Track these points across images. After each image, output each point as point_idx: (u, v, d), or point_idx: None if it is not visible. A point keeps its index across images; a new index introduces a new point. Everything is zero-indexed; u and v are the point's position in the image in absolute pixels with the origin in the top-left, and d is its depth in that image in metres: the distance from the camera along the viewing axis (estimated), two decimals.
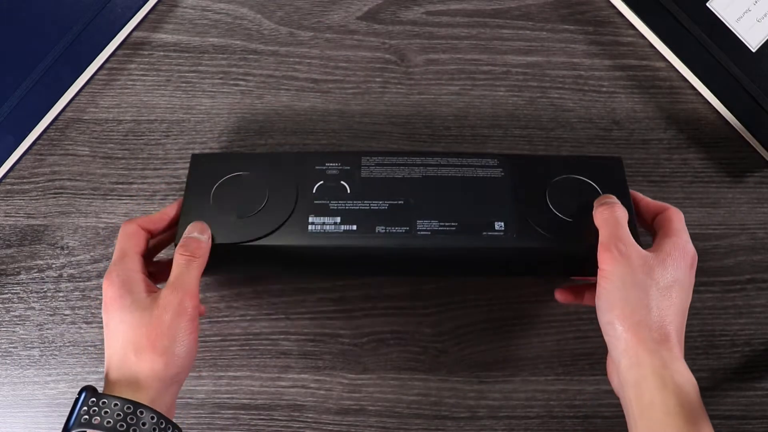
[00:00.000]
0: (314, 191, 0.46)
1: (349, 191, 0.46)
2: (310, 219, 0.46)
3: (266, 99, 0.53)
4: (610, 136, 0.53)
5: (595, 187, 0.46)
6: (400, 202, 0.46)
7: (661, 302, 0.42)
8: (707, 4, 0.52)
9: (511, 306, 0.53)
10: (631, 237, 0.43)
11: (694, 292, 0.53)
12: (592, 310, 0.46)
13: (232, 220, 0.46)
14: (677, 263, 0.43)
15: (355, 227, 0.45)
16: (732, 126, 0.53)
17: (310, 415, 0.53)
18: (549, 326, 0.53)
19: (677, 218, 0.45)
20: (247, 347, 0.52)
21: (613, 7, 0.54)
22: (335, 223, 0.45)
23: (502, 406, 0.53)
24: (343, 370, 0.53)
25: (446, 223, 0.45)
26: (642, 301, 0.42)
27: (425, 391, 0.53)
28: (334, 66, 0.54)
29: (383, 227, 0.45)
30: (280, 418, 0.53)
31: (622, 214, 0.44)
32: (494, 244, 0.45)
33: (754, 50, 0.51)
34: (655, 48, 0.54)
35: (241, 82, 0.53)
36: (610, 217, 0.44)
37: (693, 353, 0.53)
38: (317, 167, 0.47)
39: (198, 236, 0.44)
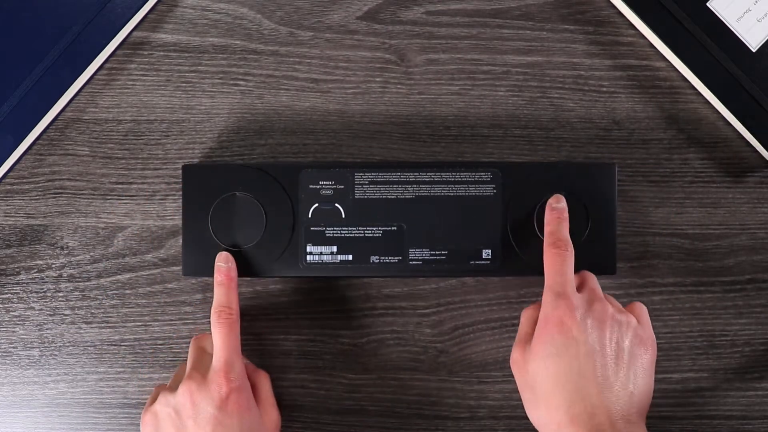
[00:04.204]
0: (310, 216, 0.48)
1: (343, 215, 0.48)
2: (308, 248, 0.48)
3: (266, 99, 0.53)
4: (610, 136, 0.53)
5: (585, 206, 0.49)
6: (393, 228, 0.48)
7: (541, 385, 0.43)
8: (707, 4, 0.52)
9: (511, 306, 0.53)
10: (522, 346, 0.46)
11: (695, 292, 0.53)
12: None
13: (233, 251, 0.48)
14: (539, 342, 0.44)
15: (350, 257, 0.48)
16: (732, 126, 0.53)
17: (310, 415, 0.53)
18: None
19: (544, 293, 0.46)
20: (247, 347, 0.52)
21: (613, 7, 0.54)
22: (332, 253, 0.48)
23: (502, 406, 0.53)
24: (343, 370, 0.53)
25: (436, 252, 0.48)
26: (529, 402, 0.45)
27: (425, 391, 0.53)
28: (334, 66, 0.54)
29: (377, 257, 0.48)
30: None
31: (525, 319, 0.47)
32: (481, 272, 0.49)
33: (754, 50, 0.51)
34: (655, 48, 0.54)
35: (241, 82, 0.53)
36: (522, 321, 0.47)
37: (693, 353, 0.53)
38: (311, 186, 0.48)
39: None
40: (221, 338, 0.46)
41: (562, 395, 0.42)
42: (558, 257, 0.45)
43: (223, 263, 0.48)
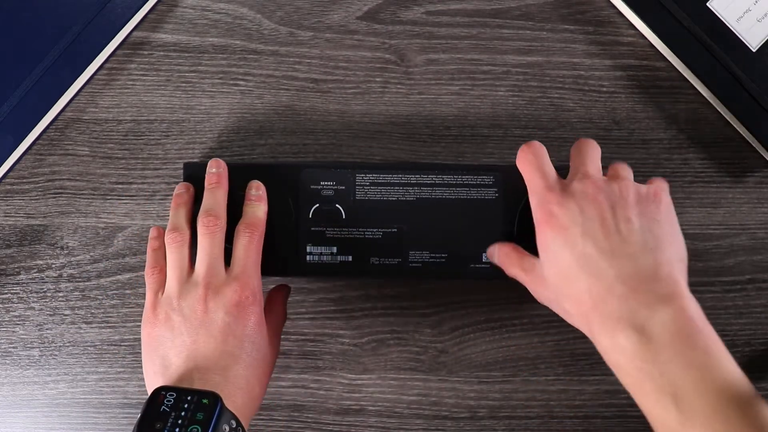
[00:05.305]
0: (310, 216, 0.48)
1: (344, 216, 0.48)
2: (308, 249, 0.48)
3: (266, 99, 0.53)
4: (611, 136, 0.53)
5: None
6: (393, 230, 0.48)
7: (561, 288, 0.41)
8: (707, 4, 0.52)
9: (511, 306, 0.53)
10: (523, 260, 0.45)
11: (695, 292, 0.53)
12: None
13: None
14: (542, 249, 0.42)
15: (350, 258, 0.48)
16: (732, 126, 0.53)
17: (310, 415, 0.53)
18: (549, 326, 0.53)
19: (530, 201, 0.44)
20: None
21: (613, 7, 0.54)
22: (332, 254, 0.48)
23: (502, 406, 0.53)
24: (343, 370, 0.53)
25: (436, 255, 0.48)
26: (565, 314, 0.42)
27: (425, 391, 0.53)
28: (334, 66, 0.54)
29: (377, 258, 0.48)
30: (280, 418, 0.53)
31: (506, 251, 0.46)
32: (480, 276, 0.48)
33: (754, 50, 0.51)
34: (655, 48, 0.54)
35: (241, 82, 0.53)
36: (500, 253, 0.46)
37: None
38: (312, 186, 0.48)
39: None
40: (203, 248, 0.44)
41: (579, 286, 0.39)
42: (522, 160, 0.44)
43: (214, 168, 0.46)
